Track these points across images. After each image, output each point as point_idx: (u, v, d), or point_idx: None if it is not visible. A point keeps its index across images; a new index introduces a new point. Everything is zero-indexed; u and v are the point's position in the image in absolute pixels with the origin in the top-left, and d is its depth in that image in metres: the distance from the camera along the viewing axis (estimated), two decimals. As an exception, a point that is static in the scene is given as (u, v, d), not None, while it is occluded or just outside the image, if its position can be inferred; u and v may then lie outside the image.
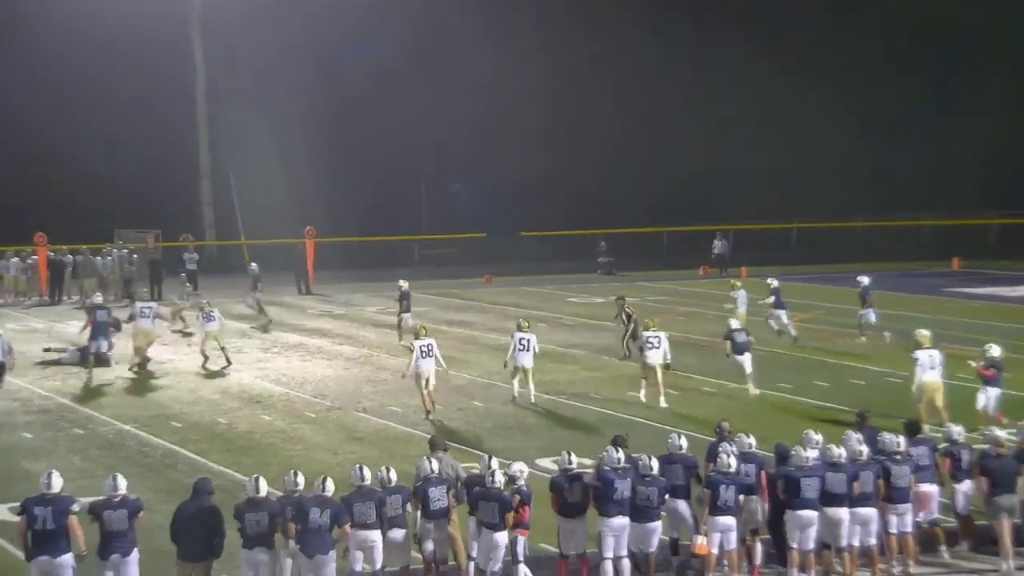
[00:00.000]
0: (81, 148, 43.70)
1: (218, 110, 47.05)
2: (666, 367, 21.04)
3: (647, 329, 21.26)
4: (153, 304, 25.40)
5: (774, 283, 27.27)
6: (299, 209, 44.24)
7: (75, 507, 11.38)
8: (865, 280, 27.44)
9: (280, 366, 24.92)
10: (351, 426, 19.61)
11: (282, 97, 47.25)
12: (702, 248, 44.40)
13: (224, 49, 46.64)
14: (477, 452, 16.56)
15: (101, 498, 11.49)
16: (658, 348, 20.86)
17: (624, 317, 25.24)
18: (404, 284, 27.65)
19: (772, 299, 26.98)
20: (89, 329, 23.82)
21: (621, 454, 12.78)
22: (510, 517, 12.12)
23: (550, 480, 12.82)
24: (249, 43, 46.82)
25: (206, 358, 24.62)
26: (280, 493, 12.10)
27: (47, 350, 24.99)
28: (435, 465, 12.65)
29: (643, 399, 20.76)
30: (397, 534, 12.17)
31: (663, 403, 20.61)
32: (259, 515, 11.55)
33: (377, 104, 48.47)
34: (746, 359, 21.78)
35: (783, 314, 26.38)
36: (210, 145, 47.45)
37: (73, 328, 27.53)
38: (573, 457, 12.75)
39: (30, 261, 35.54)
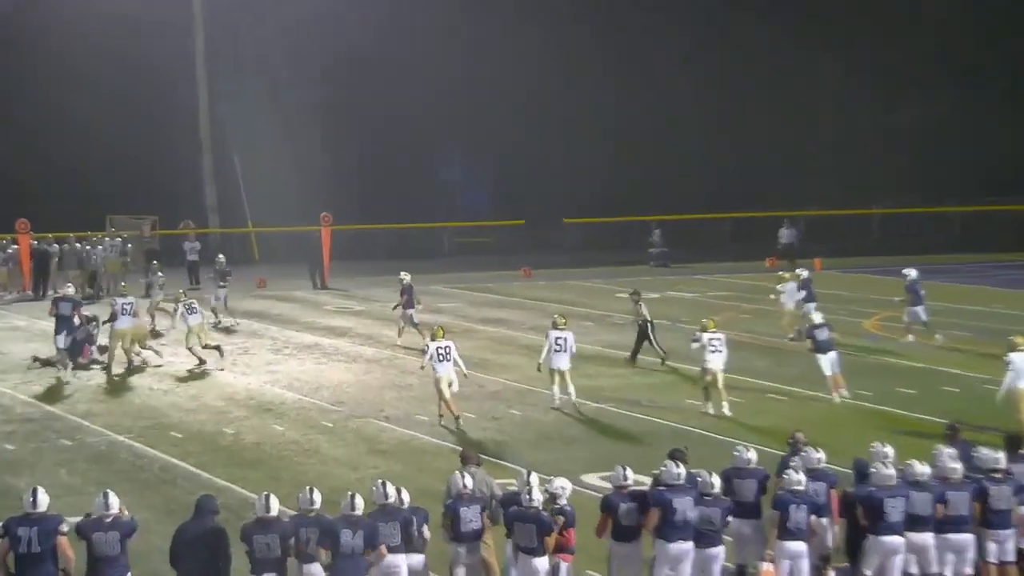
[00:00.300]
0: (67, 123, 44.02)
1: (220, 80, 47.29)
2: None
3: (705, 330, 21.18)
4: (133, 300, 25.57)
5: (804, 274, 28.03)
6: (313, 193, 44.47)
7: (63, 527, 11.44)
8: (912, 273, 27.54)
9: (293, 369, 25.00)
10: (373, 437, 19.64)
11: (292, 68, 47.42)
12: (768, 237, 44.19)
13: (226, 11, 46.83)
14: (514, 467, 16.52)
15: (90, 517, 11.54)
16: (721, 351, 20.84)
17: (641, 315, 25.26)
18: (406, 277, 27.86)
19: (804, 293, 27.44)
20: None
21: (681, 469, 12.69)
22: (550, 540, 12.06)
23: (602, 499, 12.75)
24: (254, 8, 46.98)
25: (202, 361, 24.84)
26: (293, 512, 12.10)
27: (35, 360, 25.05)
28: (468, 481, 12.61)
29: (710, 410, 20.71)
30: (416, 560, 12.16)
31: (727, 410, 20.60)
32: (269, 537, 11.56)
33: (401, 80, 48.52)
34: (830, 359, 21.66)
35: (812, 307, 26.60)
36: (212, 119, 47.72)
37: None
38: (628, 473, 12.67)
39: (10, 251, 35.79)
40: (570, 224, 47.63)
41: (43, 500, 11.51)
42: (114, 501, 11.52)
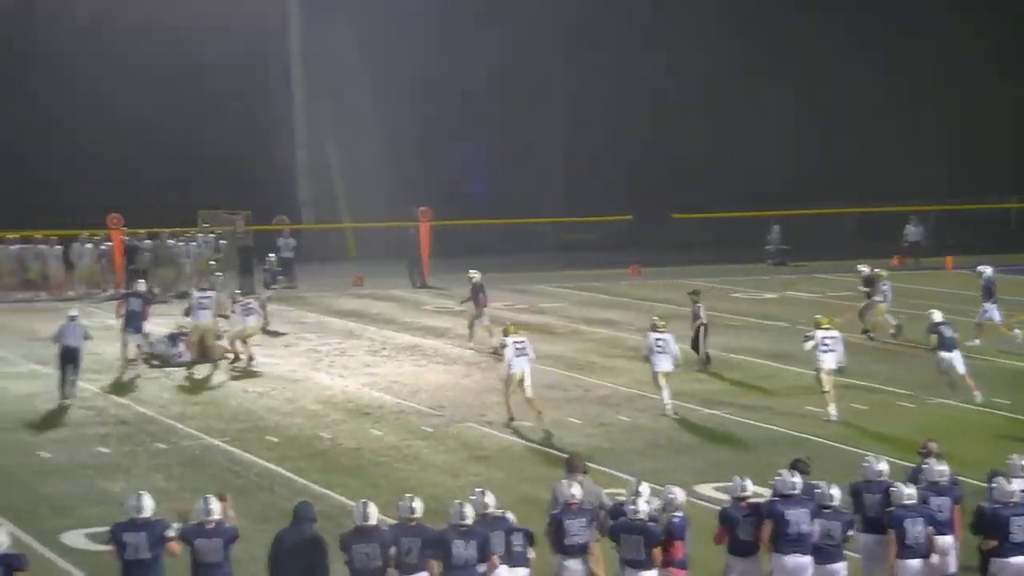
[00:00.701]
0: (159, 117, 44.92)
1: (316, 72, 47.88)
2: (837, 372, 21.07)
3: (819, 327, 21.15)
4: (212, 294, 26.07)
5: (865, 271, 28.58)
6: (410, 187, 44.82)
7: (170, 532, 11.70)
8: (987, 271, 27.31)
9: (391, 372, 25.26)
10: (474, 443, 19.78)
11: (389, 59, 47.82)
12: (894, 234, 43.57)
13: (323, 2, 47.44)
14: (622, 475, 16.55)
15: (192, 523, 11.78)
16: (834, 351, 20.78)
17: (698, 316, 25.14)
18: (476, 275, 27.84)
19: (885, 289, 27.78)
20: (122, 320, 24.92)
21: (797, 479, 12.61)
22: (658, 553, 12.06)
23: (720, 511, 12.72)
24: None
25: (236, 357, 25.34)
26: (392, 521, 12.24)
27: (130, 360, 25.72)
28: (575, 491, 12.64)
29: (832, 415, 20.57)
30: (521, 574, 12.20)
31: (833, 413, 20.55)
32: (369, 547, 11.67)
33: (500, 69, 48.70)
34: (955, 358, 21.38)
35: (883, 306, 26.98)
36: (307, 111, 48.32)
37: (153, 327, 28.17)
38: (748, 483, 12.62)
39: (103, 248, 36.58)
40: (679, 219, 47.37)
41: (148, 505, 11.75)
42: (215, 506, 11.74)
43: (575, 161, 50.85)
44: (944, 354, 21.56)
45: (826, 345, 20.77)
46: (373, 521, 11.78)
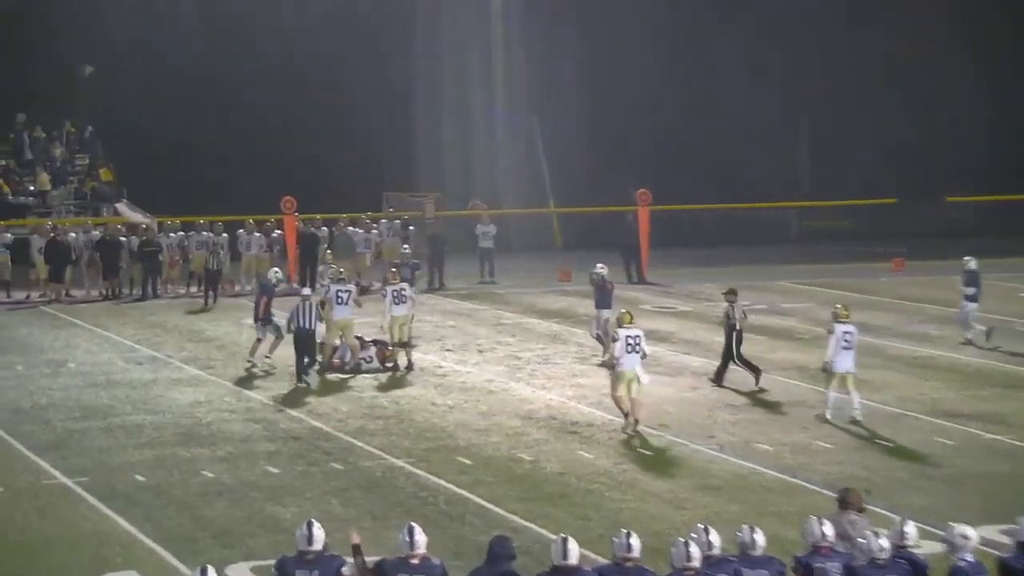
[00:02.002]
0: (340, 90, 45.79)
1: (516, 33, 48.16)
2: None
3: (839, 319, 21.68)
4: (352, 287, 26.60)
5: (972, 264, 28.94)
6: (625, 166, 44.71)
7: (346, 569, 11.73)
8: (972, 264, 28.43)
9: (602, 383, 25.02)
10: (702, 469, 19.56)
11: (602, 19, 47.81)
12: None
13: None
14: (888, 514, 16.04)
15: (389, 558, 11.77)
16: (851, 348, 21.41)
17: (732, 319, 24.65)
18: (602, 269, 27.87)
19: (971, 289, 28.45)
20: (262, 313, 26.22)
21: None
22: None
23: (997, 561, 12.20)
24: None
25: (406, 346, 25.98)
26: (604, 560, 12.08)
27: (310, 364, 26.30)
28: (827, 530, 12.28)
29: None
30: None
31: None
32: (573, 590, 11.53)
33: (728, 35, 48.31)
34: None
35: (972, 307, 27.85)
36: (508, 81, 48.64)
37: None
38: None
39: (275, 235, 37.39)
40: (955, 203, 46.11)
41: (319, 536, 11.74)
42: (420, 540, 11.65)
43: (823, 137, 50.06)
44: None
45: (847, 342, 21.41)
46: (574, 560, 11.59)
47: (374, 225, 38.39)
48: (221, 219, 36.92)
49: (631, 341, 21.15)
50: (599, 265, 28.25)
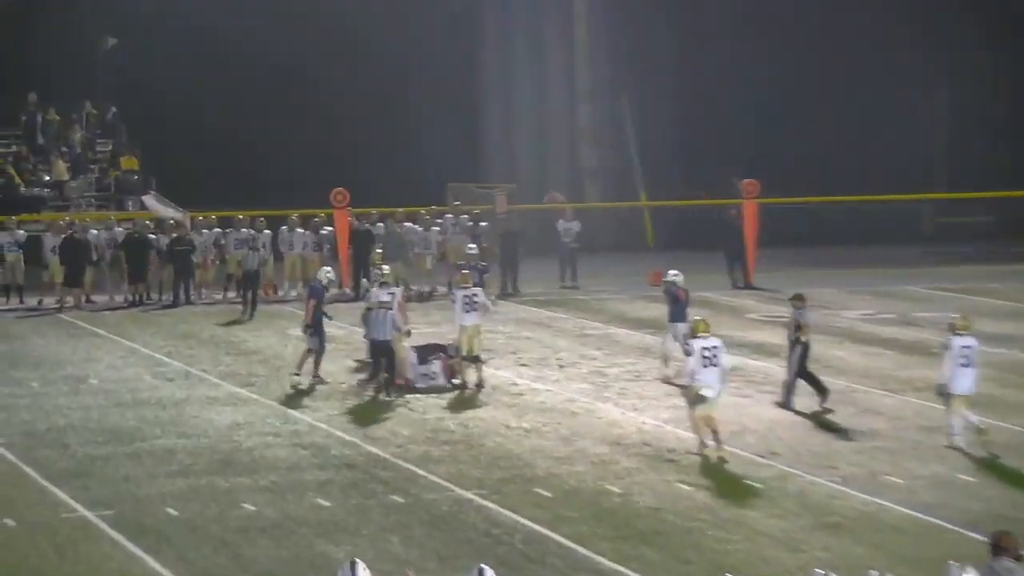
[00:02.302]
0: (392, 56, 45.93)
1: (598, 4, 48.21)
2: None
3: (955, 331, 21.71)
4: (397, 290, 26.63)
5: None
6: (727, 153, 44.55)
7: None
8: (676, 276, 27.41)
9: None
10: (821, 505, 19.44)
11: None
12: None
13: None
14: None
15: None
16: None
17: (801, 327, 24.79)
18: (677, 276, 27.69)
19: None
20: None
21: None
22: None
23: None
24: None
25: (476, 361, 26.02)
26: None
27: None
28: (971, 577, 12.19)
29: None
30: None
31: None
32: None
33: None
34: None
35: None
36: (591, 57, 48.62)
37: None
38: None
39: (324, 232, 37.53)
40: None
41: (364, 578, 11.75)
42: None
43: (962, 118, 49.75)
44: None
45: (965, 358, 21.62)
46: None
47: (437, 220, 38.41)
48: (263, 214, 37.10)
49: (707, 353, 21.21)
50: (672, 272, 28.05)
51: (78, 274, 35.16)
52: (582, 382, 26.82)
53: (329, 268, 28.73)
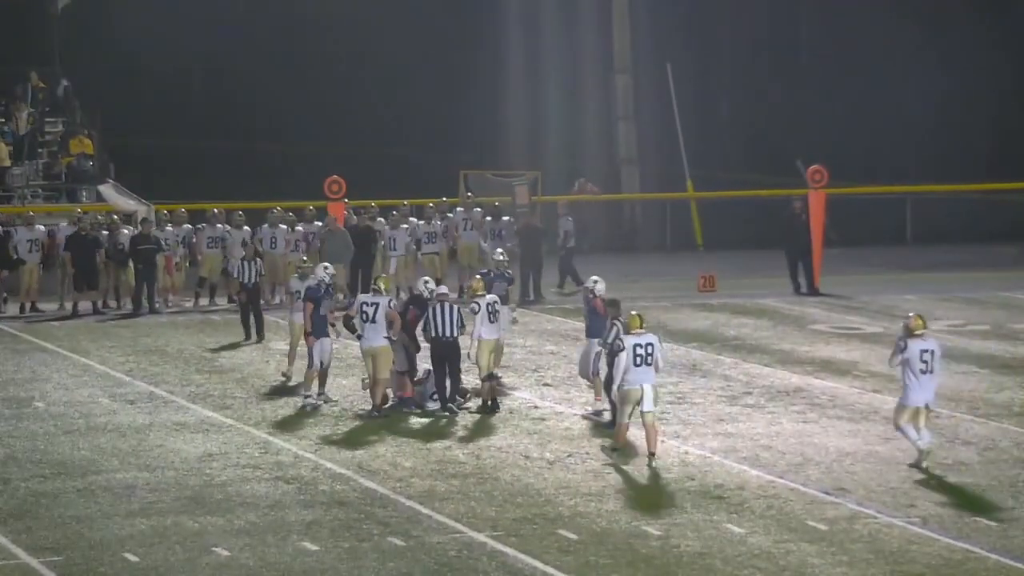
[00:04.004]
0: (397, 24, 46.14)
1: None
2: None
3: (912, 332, 22.09)
4: (383, 299, 26.45)
5: None
6: (790, 134, 44.57)
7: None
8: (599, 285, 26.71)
9: (758, 431, 25.19)
10: (897, 551, 19.43)
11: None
12: None
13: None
14: None
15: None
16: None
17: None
18: (597, 283, 27.00)
19: None
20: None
21: None
22: None
23: None
24: None
25: (493, 400, 26.37)
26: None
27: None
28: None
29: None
30: None
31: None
32: None
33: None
34: None
35: None
36: (629, 22, 48.70)
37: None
38: None
39: (318, 228, 37.51)
40: None
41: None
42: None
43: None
44: None
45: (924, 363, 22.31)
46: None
47: (447, 214, 38.44)
48: (241, 207, 37.18)
49: (639, 351, 21.50)
50: (592, 278, 27.49)
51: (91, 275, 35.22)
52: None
53: (328, 264, 28.66)
